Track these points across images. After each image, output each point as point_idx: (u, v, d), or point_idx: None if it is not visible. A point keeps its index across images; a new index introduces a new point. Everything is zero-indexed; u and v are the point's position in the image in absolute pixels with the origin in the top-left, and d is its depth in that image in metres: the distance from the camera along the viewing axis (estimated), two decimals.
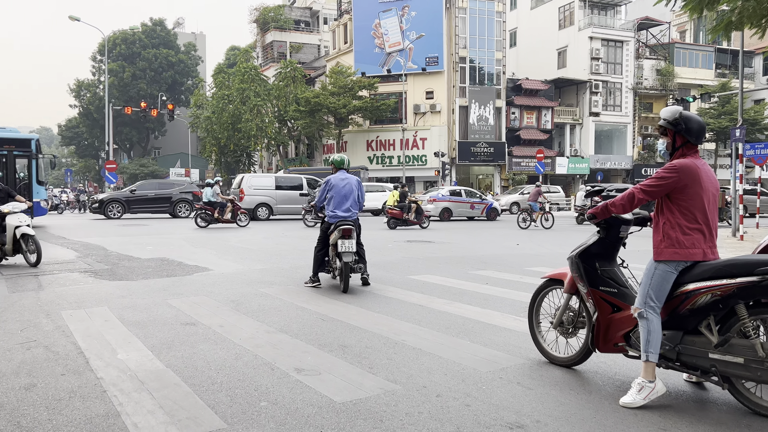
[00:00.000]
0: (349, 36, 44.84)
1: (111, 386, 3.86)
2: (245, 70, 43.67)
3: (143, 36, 63.91)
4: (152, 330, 5.42)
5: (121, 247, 12.95)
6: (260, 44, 57.65)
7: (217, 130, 44.42)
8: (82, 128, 67.01)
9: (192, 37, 78.51)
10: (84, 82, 65.90)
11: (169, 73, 63.37)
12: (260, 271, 9.30)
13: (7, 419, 3.32)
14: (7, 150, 18.95)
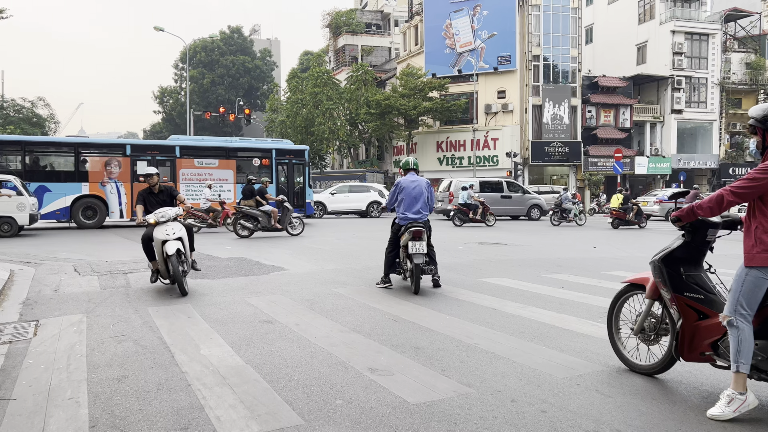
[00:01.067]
0: (419, 37, 44.87)
1: (195, 380, 4.04)
2: (318, 74, 44.55)
3: (221, 43, 66.47)
4: (232, 327, 5.64)
5: (202, 246, 13.50)
6: (332, 48, 58.67)
7: (291, 133, 45.51)
8: (165, 133, 70.36)
9: (267, 43, 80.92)
10: (167, 89, 69.27)
11: (246, 78, 65.57)
12: (333, 272, 9.47)
13: (102, 408, 3.55)
14: (288, 159, 23.18)
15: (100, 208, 20.37)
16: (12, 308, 6.73)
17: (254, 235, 16.46)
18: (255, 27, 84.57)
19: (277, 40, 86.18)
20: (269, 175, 22.79)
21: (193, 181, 21.76)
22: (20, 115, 52.55)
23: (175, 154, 21.54)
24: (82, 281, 8.59)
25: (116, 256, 11.73)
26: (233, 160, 22.47)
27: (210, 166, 22.03)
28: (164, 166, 21.31)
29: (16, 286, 8.18)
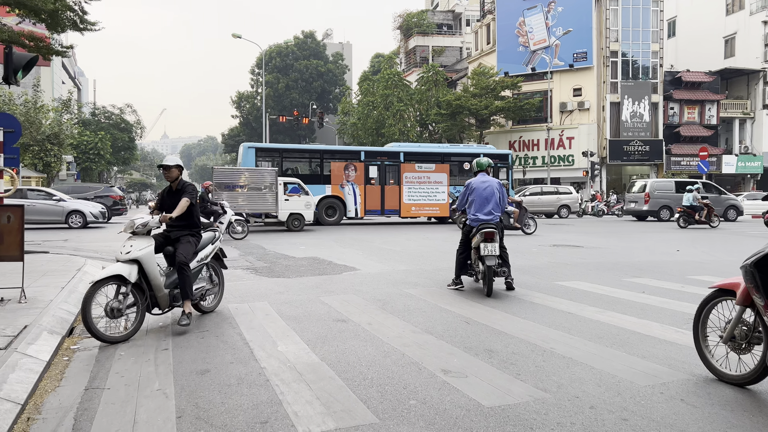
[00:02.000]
0: (491, 36, 44.30)
1: (273, 376, 4.17)
2: (389, 76, 44.86)
3: (295, 48, 68.12)
4: (307, 325, 5.77)
5: (277, 246, 13.91)
6: (403, 50, 58.90)
7: (362, 135, 46.05)
8: (242, 137, 72.81)
9: (339, 47, 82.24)
10: (244, 93, 71.68)
11: (319, 82, 66.89)
12: (404, 272, 9.50)
13: (187, 400, 3.72)
14: (494, 163, 24.45)
15: (339, 207, 23.12)
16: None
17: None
18: (327, 31, 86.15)
19: (349, 44, 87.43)
20: None
21: (414, 184, 24.02)
22: (110, 121, 55.93)
23: (400, 160, 24.01)
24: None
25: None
26: (447, 164, 24.69)
27: (428, 170, 24.31)
28: (391, 170, 24.09)
29: None
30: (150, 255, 5.37)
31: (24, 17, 14.08)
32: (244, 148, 22.85)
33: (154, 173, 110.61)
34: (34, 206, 20.30)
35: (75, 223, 20.97)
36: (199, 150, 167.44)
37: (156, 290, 5.46)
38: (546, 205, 29.99)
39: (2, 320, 5.44)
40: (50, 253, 11.84)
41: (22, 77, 6.73)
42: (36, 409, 3.61)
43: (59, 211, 20.92)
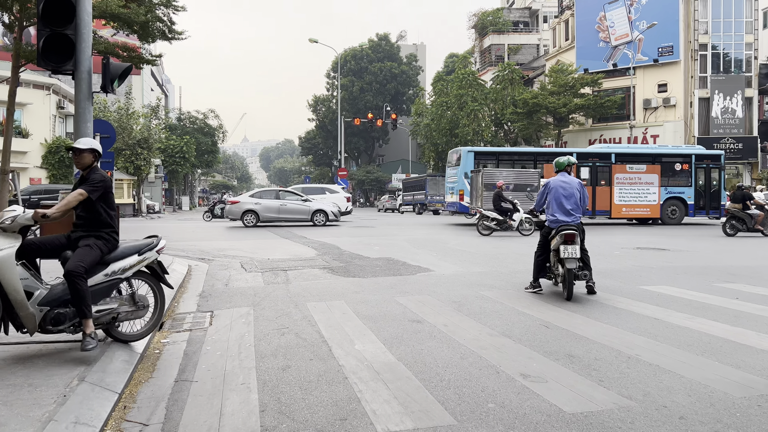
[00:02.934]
0: (570, 32, 43.05)
1: (351, 374, 4.24)
2: (463, 76, 44.50)
3: (370, 51, 68.86)
4: (383, 324, 5.82)
5: (353, 246, 14.11)
6: (478, 49, 58.27)
7: (436, 136, 45.92)
8: (318, 139, 74.44)
9: (413, 48, 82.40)
10: (320, 97, 73.19)
11: (393, 84, 67.29)
12: (479, 274, 9.40)
13: (270, 395, 3.84)
14: (705, 163, 24.69)
15: None
16: (191, 300, 7.52)
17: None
18: (402, 33, 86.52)
19: (423, 45, 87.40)
20: (687, 179, 24.43)
21: (625, 185, 24.15)
22: (194, 126, 58.60)
23: (611, 161, 24.18)
24: (248, 277, 9.36)
25: (276, 254, 12.62)
26: (658, 165, 24.39)
27: (639, 171, 24.22)
28: (602, 171, 24.13)
29: (194, 280, 9.13)
30: (6, 259, 4.02)
31: (118, 29, 15.02)
32: (464, 152, 23.68)
33: (236, 175, 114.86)
34: (285, 206, 23.09)
35: (319, 221, 23.35)
36: (277, 153, 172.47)
37: (17, 307, 4.05)
38: None
39: None
40: None
41: (118, 86, 7.17)
42: (131, 398, 3.84)
43: (306, 211, 23.34)
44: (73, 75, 6.54)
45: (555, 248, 7.46)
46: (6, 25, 14.50)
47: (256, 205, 22.93)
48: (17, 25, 13.96)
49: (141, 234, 18.31)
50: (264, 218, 22.92)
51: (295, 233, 19.03)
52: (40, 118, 36.14)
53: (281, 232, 19.50)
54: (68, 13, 6.29)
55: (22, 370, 3.96)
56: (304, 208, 23.37)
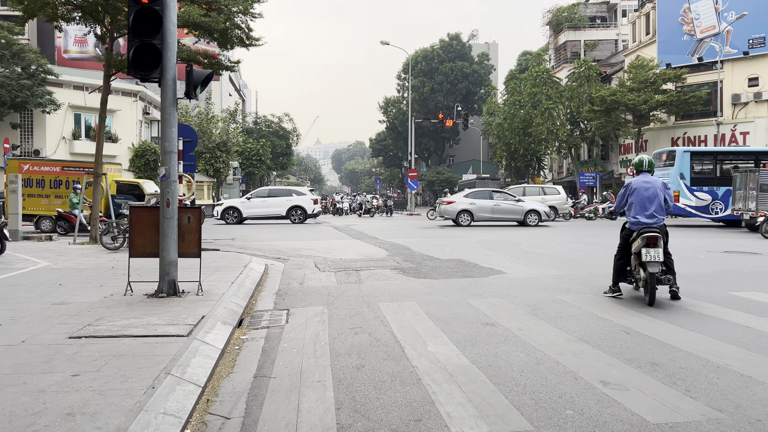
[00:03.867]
0: (651, 26, 41.22)
1: (424, 375, 4.23)
2: (537, 73, 43.50)
3: (441, 51, 68.54)
4: (456, 327, 5.78)
5: (423, 248, 14.09)
6: (553, 46, 56.85)
7: (508, 135, 45.13)
8: (389, 141, 74.76)
9: (485, 47, 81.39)
10: (390, 99, 73.53)
11: (464, 84, 66.70)
12: (555, 277, 9.16)
13: (345, 393, 3.90)
14: None
15: None
16: (268, 298, 7.75)
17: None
18: (473, 32, 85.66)
19: (495, 43, 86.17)
20: None
21: None
22: (270, 130, 60.31)
23: None
24: (321, 276, 9.54)
25: (348, 254, 12.79)
26: None
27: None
28: None
29: (270, 279, 9.40)
30: None
31: (199, 37, 15.67)
32: (680, 152, 23.39)
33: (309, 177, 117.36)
34: (499, 206, 24.05)
35: (532, 221, 23.78)
36: (348, 155, 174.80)
37: None
38: None
39: (184, 310, 6.10)
40: (220, 250, 13.03)
41: (200, 92, 7.47)
42: (213, 392, 4.00)
43: (519, 211, 23.94)
44: (159, 82, 6.87)
45: (636, 251, 7.17)
46: (98, 37, 15.45)
47: (471, 205, 23.70)
48: (109, 36, 14.86)
49: (220, 234, 19.03)
50: (478, 218, 23.75)
51: (366, 234, 19.22)
52: (127, 124, 38.27)
53: (351, 232, 19.73)
54: (156, 23, 6.62)
55: (116, 361, 4.20)
56: (517, 208, 23.77)
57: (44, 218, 19.83)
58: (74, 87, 35.73)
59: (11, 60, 31.22)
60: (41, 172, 20.12)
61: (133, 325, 5.34)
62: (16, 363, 4.14)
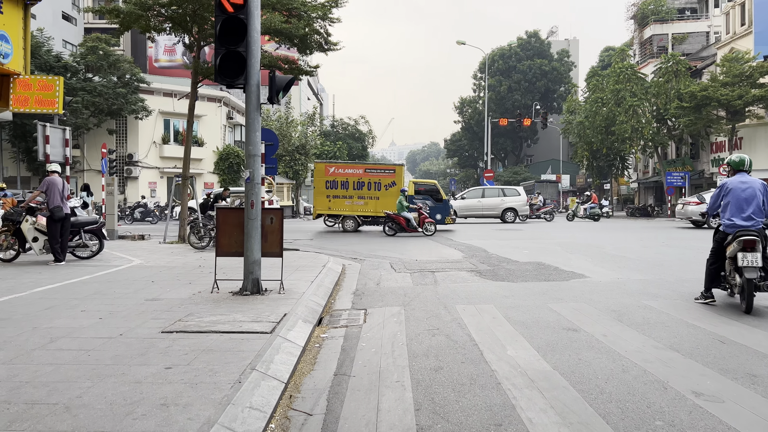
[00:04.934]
0: (747, 16, 38.67)
1: (504, 379, 4.17)
2: (620, 69, 41.80)
3: (518, 49, 67.32)
4: (536, 331, 5.65)
5: (500, 249, 13.87)
6: (637, 41, 54.52)
7: (590, 134, 43.61)
8: (464, 141, 74.13)
9: (565, 44, 79.13)
10: (466, 99, 72.91)
11: (542, 82, 65.16)
12: (640, 282, 8.77)
13: (423, 393, 3.91)
14: None
15: None
16: (346, 297, 7.87)
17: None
18: (552, 29, 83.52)
19: (576, 40, 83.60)
20: None
21: None
22: (346, 132, 61.28)
23: None
24: (397, 277, 9.59)
25: (423, 255, 12.79)
26: None
27: None
28: None
29: (347, 279, 9.55)
30: None
31: (280, 43, 16.16)
32: None
33: None
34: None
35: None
36: (423, 156, 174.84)
37: None
38: (488, 209, 28.63)
39: (267, 308, 6.30)
40: (300, 250, 13.37)
41: (283, 97, 7.71)
42: (296, 388, 4.11)
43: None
44: (244, 88, 7.15)
45: (732, 255, 6.75)
46: (187, 46, 16.26)
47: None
48: (196, 45, 15.60)
49: (298, 235, 19.52)
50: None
51: (440, 235, 19.14)
52: (212, 128, 40.00)
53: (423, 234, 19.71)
54: (240, 32, 6.89)
55: (204, 356, 4.40)
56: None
57: (347, 218, 21.65)
58: (164, 94, 37.71)
59: (108, 70, 33.41)
60: (345, 174, 21.65)
61: (220, 322, 5.57)
62: (115, 354, 4.42)
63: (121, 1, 15.49)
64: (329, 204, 21.72)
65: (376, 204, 21.46)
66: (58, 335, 5.03)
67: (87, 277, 8.74)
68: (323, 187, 21.66)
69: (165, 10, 14.90)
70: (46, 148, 14.10)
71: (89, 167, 35.93)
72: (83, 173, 35.79)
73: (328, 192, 21.60)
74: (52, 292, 7.37)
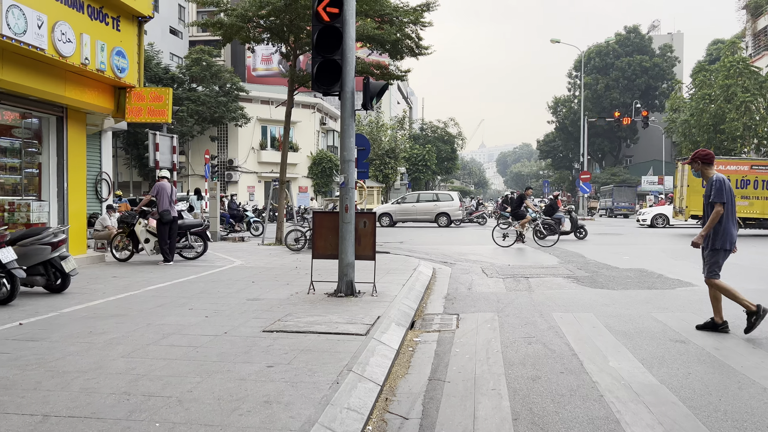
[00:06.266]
0: None
1: (606, 392, 3.99)
2: (731, 63, 38.97)
3: (616, 46, 64.52)
4: (640, 342, 5.37)
5: (598, 255, 13.33)
6: (750, 32, 50.65)
7: (696, 133, 40.95)
8: (558, 142, 71.92)
9: (668, 38, 74.90)
10: (560, 98, 70.70)
11: (643, 79, 62.04)
12: (756, 292, 8.08)
13: (521, 403, 3.82)
14: None
15: None
16: (437, 301, 7.86)
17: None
18: (654, 23, 79.35)
19: (680, 33, 78.86)
20: None
21: None
22: (435, 135, 61.24)
23: None
24: (489, 282, 9.45)
25: (516, 260, 12.52)
26: None
27: None
28: None
29: (438, 283, 9.52)
30: None
31: (372, 49, 16.41)
32: None
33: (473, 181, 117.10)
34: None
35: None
36: (514, 157, 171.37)
37: None
38: (421, 213, 28.25)
39: (360, 310, 6.41)
40: (390, 253, 13.49)
41: (376, 103, 7.82)
42: (391, 392, 4.15)
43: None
44: (339, 95, 7.31)
45: None
46: (283, 55, 16.88)
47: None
48: (292, 54, 16.16)
49: (388, 237, 19.71)
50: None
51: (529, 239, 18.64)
52: (306, 134, 41.27)
53: None
54: (336, 40, 7.06)
55: (303, 355, 4.54)
56: None
57: None
58: (261, 102, 39.36)
59: (210, 80, 35.32)
60: (726, 171, 19.51)
61: (316, 322, 5.73)
62: (221, 352, 4.65)
63: (224, 15, 16.32)
64: None
65: (764, 205, 19.86)
66: (169, 332, 5.37)
67: (193, 277, 9.27)
68: (699, 185, 20.17)
69: (264, 21, 15.56)
70: (156, 155, 15.12)
71: (193, 172, 38.12)
72: (188, 178, 38.02)
73: None
74: (163, 291, 7.88)
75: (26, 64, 9.12)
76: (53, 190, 10.95)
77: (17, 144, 10.87)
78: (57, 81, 9.87)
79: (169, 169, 14.99)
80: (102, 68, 10.41)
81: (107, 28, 10.67)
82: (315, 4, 7.01)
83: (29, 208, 10.46)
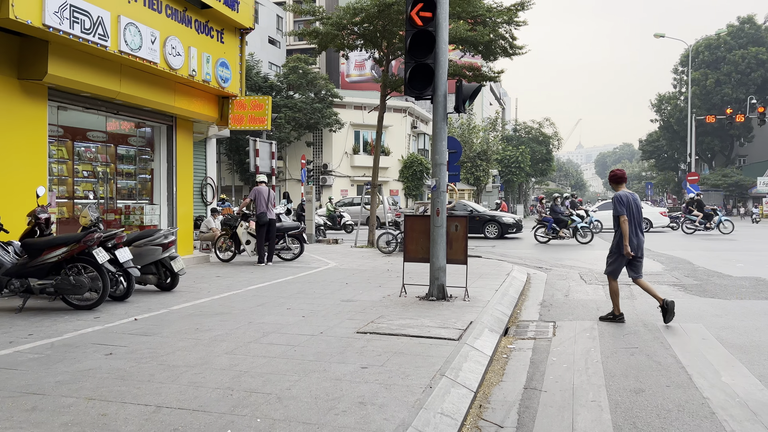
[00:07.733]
0: None
1: (719, 409, 3.73)
2: None
3: (728, 38, 60.12)
4: (756, 357, 4.97)
5: (708, 262, 12.47)
6: None
7: None
8: (662, 141, 68.06)
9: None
10: (664, 95, 66.89)
11: (759, 72, 57.41)
12: None
13: (623, 417, 3.64)
14: None
15: None
16: (532, 308, 7.66)
17: None
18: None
19: None
20: None
21: None
22: (530, 136, 59.77)
23: None
24: (588, 289, 9.09)
25: None
26: None
27: None
28: None
29: (533, 289, 9.28)
30: None
31: (464, 51, 16.29)
32: None
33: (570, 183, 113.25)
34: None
35: None
36: (614, 158, 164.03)
37: None
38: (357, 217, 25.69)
39: (452, 314, 6.37)
40: (482, 257, 13.31)
41: (469, 105, 7.76)
42: (485, 398, 4.09)
43: None
44: (431, 99, 7.32)
45: None
46: (376, 60, 17.11)
47: None
48: (385, 59, 16.36)
49: (480, 242, 19.42)
50: None
51: None
52: (397, 138, 41.59)
53: None
54: (429, 44, 7.07)
55: (396, 358, 4.57)
56: None
57: None
58: (354, 107, 40.13)
59: (306, 87, 36.49)
60: None
61: (408, 326, 5.76)
62: (317, 351, 4.79)
63: (319, 23, 16.81)
64: None
65: None
66: (269, 330, 5.59)
67: (290, 278, 9.60)
68: None
69: (357, 28, 15.86)
70: (256, 160, 15.80)
71: (290, 176, 39.49)
72: (285, 182, 39.43)
73: None
74: (263, 290, 8.22)
75: (141, 77, 9.83)
76: (164, 194, 11.72)
77: (132, 152, 11.75)
78: (167, 92, 10.57)
79: (267, 174, 15.61)
80: (207, 79, 11.02)
81: (212, 41, 11.29)
82: (408, 9, 7.06)
83: (143, 211, 11.29)
